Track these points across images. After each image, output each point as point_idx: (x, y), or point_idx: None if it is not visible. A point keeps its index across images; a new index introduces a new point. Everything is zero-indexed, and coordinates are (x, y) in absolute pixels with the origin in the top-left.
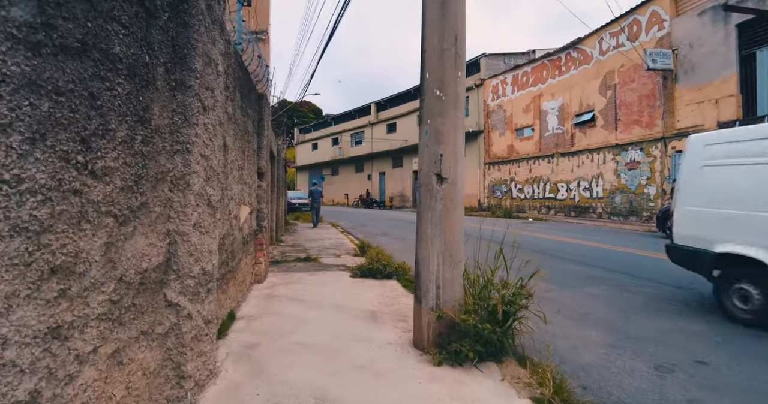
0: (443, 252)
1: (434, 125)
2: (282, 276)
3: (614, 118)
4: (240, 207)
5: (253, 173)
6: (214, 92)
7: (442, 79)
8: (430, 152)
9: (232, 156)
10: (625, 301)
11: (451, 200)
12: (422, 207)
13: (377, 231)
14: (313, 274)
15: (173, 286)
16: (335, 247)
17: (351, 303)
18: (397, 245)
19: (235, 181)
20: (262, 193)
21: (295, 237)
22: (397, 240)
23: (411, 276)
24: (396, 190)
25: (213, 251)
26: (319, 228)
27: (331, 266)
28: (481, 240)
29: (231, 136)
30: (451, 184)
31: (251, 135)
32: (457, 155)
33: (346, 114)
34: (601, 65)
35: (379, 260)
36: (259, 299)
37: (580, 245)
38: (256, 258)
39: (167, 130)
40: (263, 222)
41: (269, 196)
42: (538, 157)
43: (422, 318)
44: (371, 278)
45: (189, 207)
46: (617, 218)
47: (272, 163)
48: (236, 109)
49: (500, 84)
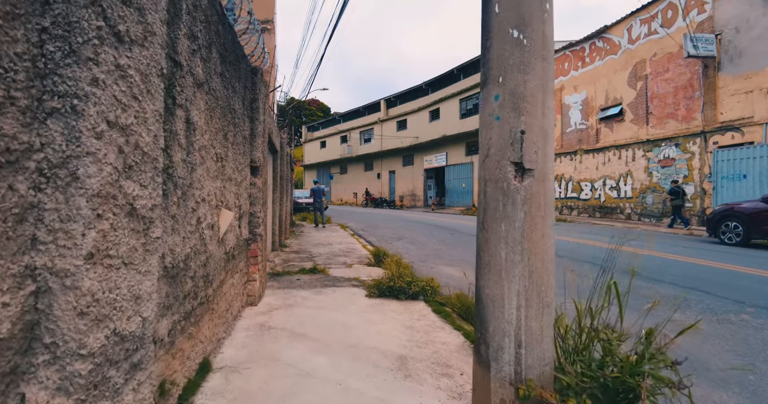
0: (527, 288)
1: (510, 85)
2: (282, 296)
3: (645, 112)
4: (220, 213)
5: (244, 167)
6: (144, 13)
7: (520, 11)
8: (502, 128)
9: (204, 139)
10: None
11: (538, 206)
12: (489, 215)
13: (390, 233)
14: (320, 292)
15: (41, 377)
16: (345, 254)
17: (370, 340)
18: (414, 251)
19: (209, 176)
20: (257, 193)
21: (301, 241)
22: (413, 244)
23: (443, 298)
24: (406, 189)
25: (144, 295)
26: (327, 230)
27: (341, 281)
28: None
29: (202, 110)
30: (539, 180)
31: (240, 118)
32: (547, 132)
33: (355, 111)
34: (631, 55)
35: (401, 276)
36: (249, 333)
37: (632, 254)
38: (248, 275)
39: (28, 70)
40: (258, 228)
41: (268, 197)
42: (559, 153)
43: (491, 392)
44: (392, 299)
45: (79, 221)
46: (648, 219)
47: (274, 157)
48: (212, 75)
49: None
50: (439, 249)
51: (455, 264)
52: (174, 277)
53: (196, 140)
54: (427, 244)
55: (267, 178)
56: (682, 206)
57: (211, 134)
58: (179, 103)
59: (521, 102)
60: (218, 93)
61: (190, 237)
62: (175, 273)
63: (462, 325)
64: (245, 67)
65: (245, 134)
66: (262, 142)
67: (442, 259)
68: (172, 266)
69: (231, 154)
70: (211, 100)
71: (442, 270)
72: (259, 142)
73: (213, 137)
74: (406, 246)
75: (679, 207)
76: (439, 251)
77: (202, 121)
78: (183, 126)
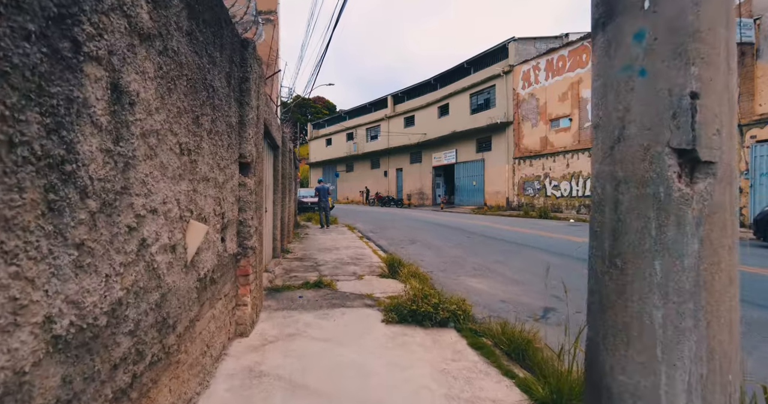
0: (705, 380)
1: (669, 12)
2: (280, 321)
3: None
4: (188, 227)
5: (229, 164)
6: None
7: None
8: (651, 88)
9: (154, 121)
10: None
11: (722, 228)
12: (626, 244)
13: (401, 236)
14: (326, 316)
15: None
16: (355, 261)
17: (396, 396)
18: (431, 258)
19: (167, 176)
20: (249, 196)
21: (306, 246)
22: (429, 250)
23: (480, 325)
24: (414, 187)
25: None
26: (333, 232)
27: (351, 298)
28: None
29: (150, 77)
30: (724, 182)
31: (224, 99)
32: (733, 97)
33: (361, 107)
34: None
35: (426, 297)
36: (233, 384)
37: None
38: (237, 298)
39: None
40: (250, 240)
41: (265, 200)
42: (576, 150)
43: None
44: (415, 325)
45: None
46: None
47: (275, 154)
48: (171, 29)
49: (532, 70)
50: (457, 255)
51: (479, 274)
52: (84, 346)
53: (137, 121)
54: (443, 249)
55: (263, 177)
56: None
57: (169, 115)
58: (91, 53)
59: (691, 41)
60: (184, 58)
61: (126, 271)
62: (86, 340)
63: (511, 369)
64: (230, 35)
65: (231, 121)
66: (255, 133)
67: (463, 268)
68: (77, 330)
69: (207, 145)
70: (171, 65)
71: (466, 282)
72: (251, 133)
73: (174, 119)
74: (421, 252)
75: None
76: (458, 258)
77: (150, 94)
78: (104, 94)
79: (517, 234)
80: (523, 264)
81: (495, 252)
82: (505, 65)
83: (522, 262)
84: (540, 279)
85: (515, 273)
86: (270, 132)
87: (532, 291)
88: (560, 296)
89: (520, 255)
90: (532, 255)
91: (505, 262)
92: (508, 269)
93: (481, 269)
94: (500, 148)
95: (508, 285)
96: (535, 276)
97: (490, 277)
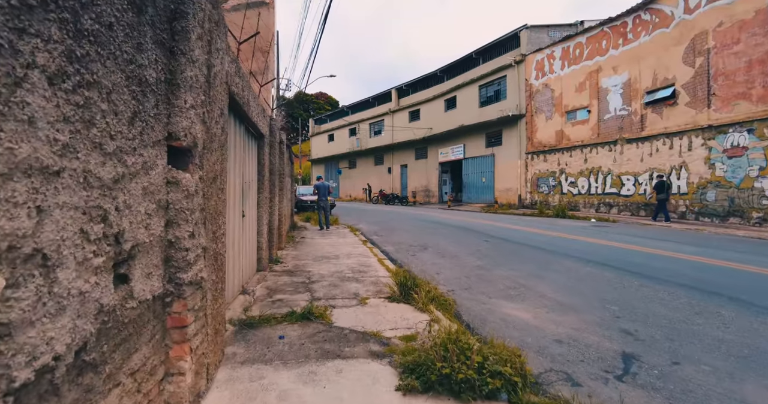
0: None
1: None
2: (242, 391)
3: (706, 93)
4: None
5: (140, 147)
6: None
7: None
8: None
9: None
10: None
11: None
12: None
13: (410, 239)
14: (312, 379)
15: None
16: (357, 276)
17: None
18: (449, 270)
19: None
20: (186, 201)
21: (300, 253)
22: (444, 258)
23: (548, 400)
24: (419, 184)
25: None
26: (333, 235)
27: (352, 341)
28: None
29: None
30: None
31: (117, 30)
32: None
33: (365, 101)
34: (688, 26)
35: (462, 350)
36: None
37: (759, 275)
38: (168, 365)
39: None
40: (188, 271)
41: (231, 206)
42: (595, 144)
43: None
44: (449, 397)
45: None
46: (710, 219)
47: (260, 144)
48: None
49: (546, 59)
50: (480, 266)
51: (515, 294)
52: None
53: None
54: (461, 258)
55: (224, 174)
56: (667, 200)
57: None
58: None
59: None
60: None
61: None
62: None
63: None
64: None
65: (144, 76)
66: (202, 104)
67: (491, 285)
68: None
69: (55, 105)
70: None
71: (502, 308)
72: (191, 101)
73: None
74: (436, 261)
75: (664, 201)
76: (481, 270)
77: None
78: None
79: (540, 238)
80: (565, 280)
81: (524, 262)
82: (516, 54)
83: (562, 276)
84: (595, 302)
85: (561, 294)
86: (248, 114)
87: (592, 322)
88: (633, 330)
89: (557, 267)
90: (571, 267)
91: (541, 276)
92: (549, 287)
93: (515, 287)
94: (511, 143)
95: (558, 313)
96: (588, 298)
97: (529, 299)
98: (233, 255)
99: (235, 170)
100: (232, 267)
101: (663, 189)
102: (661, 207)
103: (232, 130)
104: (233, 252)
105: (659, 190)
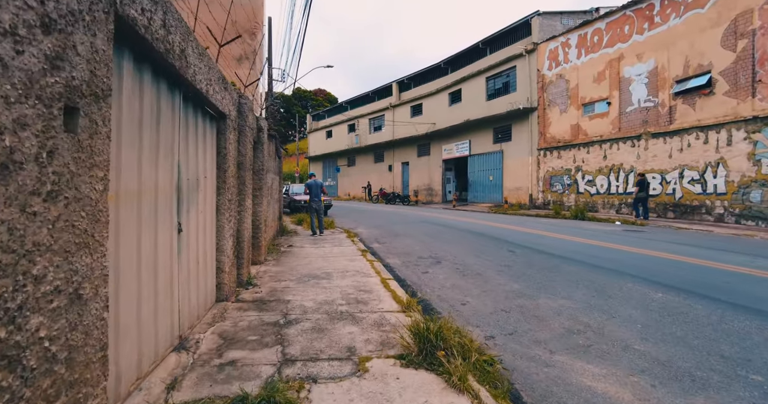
0: None
1: None
2: None
3: (750, 80)
4: None
5: None
6: None
7: None
8: None
9: None
10: None
11: None
12: None
13: (418, 247)
14: None
15: None
16: (352, 312)
17: None
18: (479, 299)
19: None
20: None
21: (283, 269)
22: (465, 277)
23: None
24: (422, 183)
25: None
26: (327, 243)
27: None
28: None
29: None
30: None
31: None
32: None
33: (364, 96)
34: (727, 5)
35: None
36: None
37: None
38: None
39: None
40: None
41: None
42: (616, 139)
43: None
44: None
45: None
46: (755, 223)
47: (219, 128)
48: None
49: (560, 47)
50: (517, 291)
51: (589, 347)
52: None
53: None
54: (487, 276)
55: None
56: (647, 198)
57: None
58: None
59: None
60: None
61: None
62: None
63: None
64: None
65: None
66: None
67: (545, 325)
68: None
69: None
70: None
71: (575, 375)
72: None
73: None
74: (456, 283)
75: (644, 199)
76: (521, 298)
77: None
78: None
79: (571, 246)
80: (644, 318)
81: (573, 285)
82: (527, 43)
83: (637, 311)
84: (716, 362)
85: (653, 344)
86: (184, 75)
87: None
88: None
89: (618, 292)
90: (637, 293)
91: (607, 310)
92: (629, 330)
93: (580, 330)
94: (522, 138)
95: (670, 387)
96: (700, 354)
97: (610, 355)
98: (147, 297)
99: (158, 160)
100: (143, 319)
101: (644, 186)
102: (640, 204)
103: (134, 90)
104: (147, 292)
105: (641, 188)
